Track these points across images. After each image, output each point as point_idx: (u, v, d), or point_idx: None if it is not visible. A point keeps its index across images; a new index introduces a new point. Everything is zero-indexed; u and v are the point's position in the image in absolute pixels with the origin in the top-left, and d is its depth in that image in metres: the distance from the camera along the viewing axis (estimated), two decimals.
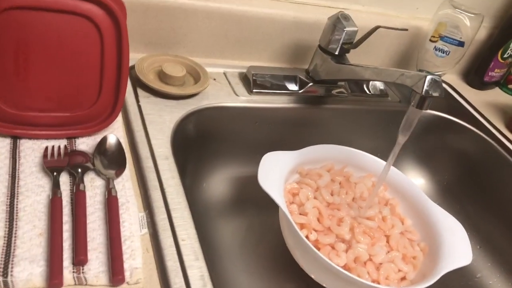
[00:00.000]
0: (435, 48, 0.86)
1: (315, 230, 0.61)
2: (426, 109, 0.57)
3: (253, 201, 0.75)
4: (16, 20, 0.51)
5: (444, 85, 0.94)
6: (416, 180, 0.90)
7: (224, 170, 0.78)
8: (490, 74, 1.00)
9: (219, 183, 0.77)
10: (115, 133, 0.59)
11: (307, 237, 0.60)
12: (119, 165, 0.55)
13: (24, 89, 0.54)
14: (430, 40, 0.86)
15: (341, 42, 0.75)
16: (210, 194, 0.75)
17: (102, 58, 0.56)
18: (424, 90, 0.56)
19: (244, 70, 0.80)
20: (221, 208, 0.75)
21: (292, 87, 0.80)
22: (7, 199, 0.48)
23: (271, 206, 0.58)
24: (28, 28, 0.52)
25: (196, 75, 0.75)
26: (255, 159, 0.62)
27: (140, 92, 0.69)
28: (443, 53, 0.85)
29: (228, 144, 0.76)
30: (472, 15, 0.83)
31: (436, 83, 0.56)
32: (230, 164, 0.78)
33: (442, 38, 0.85)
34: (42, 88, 0.55)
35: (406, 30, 0.71)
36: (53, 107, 0.56)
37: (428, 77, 0.56)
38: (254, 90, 0.77)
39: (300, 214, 0.62)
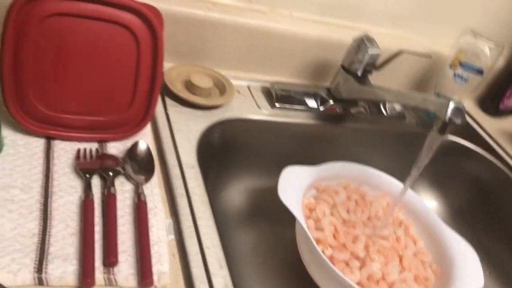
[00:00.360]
0: (454, 75, 0.88)
1: (330, 246, 0.63)
2: (447, 135, 0.59)
3: (269, 213, 0.77)
4: (59, 26, 0.53)
5: None
6: (429, 203, 0.91)
7: (242, 181, 0.79)
8: (506, 102, 1.01)
9: (237, 193, 0.79)
10: (144, 139, 0.61)
11: (322, 252, 0.61)
12: (148, 171, 0.57)
13: (61, 92, 0.56)
14: (450, 66, 0.88)
15: (364, 63, 0.77)
16: (228, 204, 0.77)
17: (137, 66, 0.58)
18: (447, 117, 0.57)
19: (267, 85, 0.82)
20: (237, 218, 0.77)
21: (313, 103, 0.82)
22: (42, 198, 0.50)
23: (286, 219, 0.59)
24: (68, 34, 0.54)
25: (221, 86, 0.77)
26: (273, 171, 0.64)
27: (168, 100, 0.71)
28: (462, 80, 0.87)
29: (248, 155, 0.78)
30: (492, 45, 0.84)
31: (459, 111, 0.58)
32: (249, 175, 0.80)
33: (461, 65, 0.86)
34: (78, 92, 0.57)
35: (430, 57, 0.73)
36: (87, 111, 0.58)
37: (452, 105, 0.58)
38: (276, 105, 0.79)
39: (316, 229, 0.64)
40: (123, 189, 0.54)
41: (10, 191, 0.49)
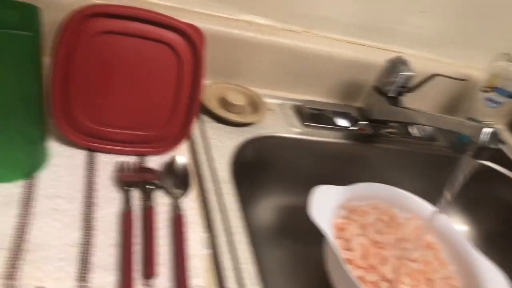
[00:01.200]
0: (487, 98, 0.87)
1: (360, 267, 0.63)
2: (481, 160, 0.59)
3: (296, 231, 0.77)
4: (106, 43, 0.56)
5: None
6: (460, 227, 0.91)
7: (272, 197, 0.80)
8: None
9: (265, 209, 0.80)
10: (180, 154, 0.63)
11: (351, 272, 0.61)
12: (185, 186, 0.58)
13: (104, 106, 0.58)
14: (482, 90, 0.88)
15: (397, 85, 0.77)
16: (257, 220, 0.78)
17: (178, 83, 0.60)
18: (482, 141, 0.58)
19: (300, 103, 0.83)
20: (266, 234, 0.78)
21: (344, 123, 0.83)
22: (84, 208, 0.52)
23: (314, 237, 0.60)
24: (114, 51, 0.56)
25: (255, 104, 0.78)
26: (302, 190, 0.64)
27: (203, 116, 0.73)
28: (494, 103, 0.87)
29: (279, 172, 0.79)
30: None
31: (494, 136, 0.58)
32: (278, 192, 0.81)
33: (494, 89, 0.86)
34: (120, 106, 0.59)
35: (467, 80, 0.73)
36: (128, 125, 0.60)
37: (488, 130, 0.58)
38: (307, 123, 0.80)
39: (345, 249, 0.64)
40: (162, 203, 0.56)
41: (55, 200, 0.51)
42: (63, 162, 0.57)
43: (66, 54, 0.53)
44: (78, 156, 0.58)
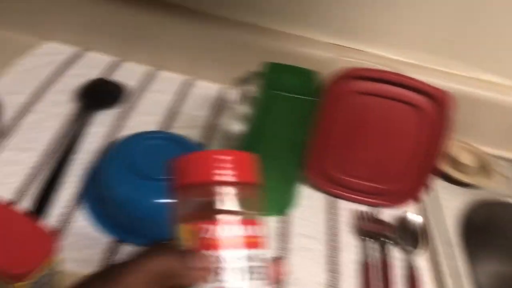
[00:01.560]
0: None
1: None
2: None
3: None
4: (360, 103, 0.61)
5: None
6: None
7: (494, 265, 0.77)
8: None
9: (488, 277, 0.76)
10: (410, 209, 0.65)
11: None
12: (418, 244, 0.60)
13: (350, 158, 0.64)
14: None
15: None
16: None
17: (421, 142, 0.62)
18: None
19: None
20: None
21: None
22: (329, 251, 0.57)
23: None
24: (367, 110, 0.61)
25: (485, 165, 0.76)
26: None
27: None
28: None
29: (508, 241, 0.75)
30: None
31: None
32: (504, 260, 0.77)
33: None
34: (363, 159, 0.64)
35: None
36: (368, 177, 0.64)
37: None
38: None
39: None
40: (396, 257, 0.59)
41: (305, 239, 0.58)
42: (309, 204, 0.63)
43: (325, 110, 0.60)
44: (321, 200, 0.64)
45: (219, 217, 0.29)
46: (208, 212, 0.29)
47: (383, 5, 0.72)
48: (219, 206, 0.29)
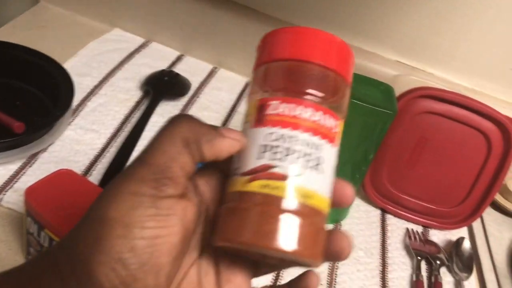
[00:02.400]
0: None
1: None
2: None
3: None
4: (425, 121, 0.61)
5: None
6: None
7: None
8: None
9: None
10: (460, 234, 0.64)
11: None
12: (469, 270, 0.60)
13: (408, 176, 0.64)
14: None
15: None
16: None
17: (482, 168, 0.62)
18: None
19: None
20: None
21: None
22: (380, 266, 0.57)
23: None
24: (432, 130, 0.61)
25: None
26: None
27: None
28: None
29: None
30: None
31: None
32: None
33: None
34: (421, 179, 0.64)
35: None
36: (423, 197, 0.64)
37: None
38: None
39: None
40: (445, 280, 0.58)
41: (357, 252, 0.58)
42: (360, 216, 0.64)
43: (390, 126, 0.60)
44: (373, 213, 0.65)
45: (294, 94, 0.27)
46: (284, 87, 0.27)
47: (450, 28, 0.72)
48: (301, 85, 0.27)
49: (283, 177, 0.26)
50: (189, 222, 0.26)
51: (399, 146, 0.62)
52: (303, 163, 0.26)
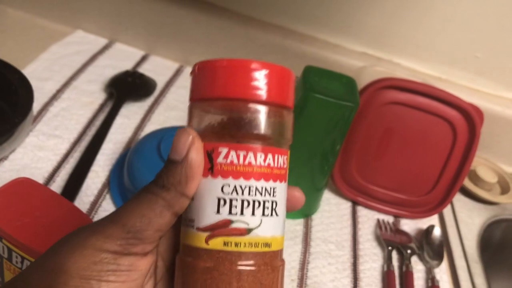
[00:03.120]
0: None
1: None
2: None
3: None
4: (393, 112, 0.61)
5: None
6: None
7: (507, 284, 0.77)
8: None
9: None
10: (431, 222, 0.65)
11: None
12: (439, 257, 0.60)
13: (376, 167, 0.64)
14: None
15: None
16: None
17: (449, 156, 0.62)
18: None
19: None
20: None
21: None
22: (352, 258, 0.57)
23: None
24: (398, 121, 0.61)
25: (503, 183, 0.76)
26: None
27: None
28: None
29: None
30: None
31: None
32: None
33: None
34: (390, 170, 0.64)
35: None
36: (392, 187, 0.65)
37: None
38: None
39: None
40: (416, 268, 0.59)
41: (328, 245, 0.58)
42: (331, 209, 0.64)
43: (355, 118, 0.60)
44: (344, 206, 0.65)
45: (241, 139, 0.26)
46: (229, 132, 0.26)
47: (414, 17, 0.72)
48: (248, 129, 0.26)
49: (243, 232, 0.26)
50: (148, 272, 0.26)
51: (366, 137, 0.62)
52: (261, 212, 0.26)
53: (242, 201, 0.26)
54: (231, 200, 0.26)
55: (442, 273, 0.59)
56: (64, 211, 0.42)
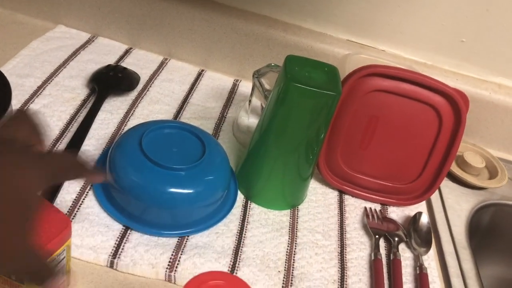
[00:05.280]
0: None
1: None
2: None
3: None
4: (375, 100, 0.61)
5: None
6: None
7: (496, 269, 0.77)
8: None
9: (493, 282, 0.77)
10: (419, 209, 0.65)
11: None
12: (427, 244, 0.60)
13: (362, 155, 0.63)
14: None
15: None
16: None
17: (435, 142, 0.62)
18: None
19: None
20: None
21: None
22: (338, 247, 0.57)
23: None
24: (382, 108, 0.61)
25: (492, 168, 0.76)
26: None
27: None
28: None
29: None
30: None
31: None
32: (507, 264, 0.77)
33: None
34: (376, 158, 0.63)
35: None
36: (379, 175, 0.64)
37: None
38: None
39: None
40: (404, 256, 0.58)
41: (315, 235, 0.58)
42: (318, 199, 0.63)
43: (339, 107, 0.59)
44: (331, 195, 0.64)
45: None
46: None
47: (398, 4, 0.72)
48: None
49: None
50: None
51: (351, 126, 0.62)
52: None
53: None
54: None
55: (430, 260, 0.59)
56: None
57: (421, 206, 0.67)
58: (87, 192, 0.55)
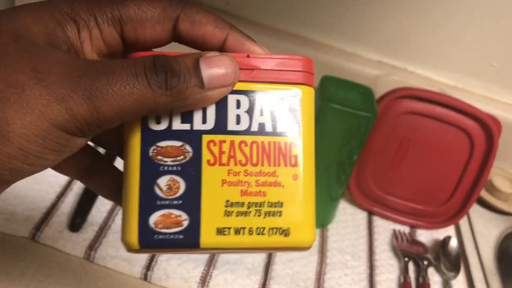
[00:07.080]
0: None
1: None
2: None
3: None
4: (409, 122, 0.61)
5: None
6: None
7: None
8: None
9: None
10: (448, 233, 0.64)
11: None
12: (456, 269, 0.60)
13: (393, 177, 0.63)
14: None
15: None
16: None
17: (466, 166, 0.62)
18: None
19: None
20: None
21: None
22: (368, 269, 0.57)
23: None
24: (414, 130, 0.61)
25: None
26: None
27: None
28: None
29: None
30: None
31: None
32: None
33: None
34: (406, 180, 0.63)
35: None
36: (409, 197, 0.64)
37: None
38: None
39: None
40: (433, 280, 0.58)
41: (344, 255, 0.58)
42: (347, 219, 0.63)
43: (373, 128, 0.60)
44: (360, 216, 0.64)
45: None
46: None
47: (430, 26, 0.72)
48: None
49: None
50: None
51: (382, 147, 0.62)
52: None
53: None
54: None
55: (459, 285, 0.59)
56: None
57: (449, 230, 0.66)
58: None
